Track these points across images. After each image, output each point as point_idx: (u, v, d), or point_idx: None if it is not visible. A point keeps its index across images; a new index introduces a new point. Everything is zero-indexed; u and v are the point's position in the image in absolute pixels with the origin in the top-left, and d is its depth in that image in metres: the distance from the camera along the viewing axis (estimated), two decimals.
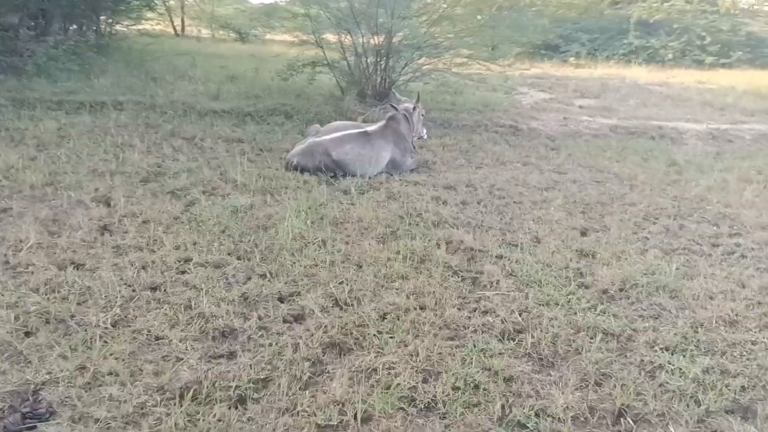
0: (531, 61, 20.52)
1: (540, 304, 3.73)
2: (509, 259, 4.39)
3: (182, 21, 25.99)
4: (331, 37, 10.49)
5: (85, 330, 3.21)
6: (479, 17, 10.37)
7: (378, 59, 9.87)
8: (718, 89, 15.40)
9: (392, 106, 7.16)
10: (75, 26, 15.17)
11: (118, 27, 17.48)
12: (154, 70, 12.52)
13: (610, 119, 9.92)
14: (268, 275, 3.99)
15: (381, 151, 6.68)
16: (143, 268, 3.98)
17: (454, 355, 3.14)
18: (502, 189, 6.24)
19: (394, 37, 9.69)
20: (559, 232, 5.01)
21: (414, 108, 7.12)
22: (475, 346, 3.22)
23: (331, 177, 6.39)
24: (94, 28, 15.94)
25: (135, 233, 4.58)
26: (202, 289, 3.73)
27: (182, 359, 3.01)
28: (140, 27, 21.22)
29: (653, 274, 4.19)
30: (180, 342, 3.16)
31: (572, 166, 7.38)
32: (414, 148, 7.15)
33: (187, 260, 4.16)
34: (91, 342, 3.09)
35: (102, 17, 15.98)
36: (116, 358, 2.97)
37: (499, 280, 4.03)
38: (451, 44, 9.95)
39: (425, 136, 7.47)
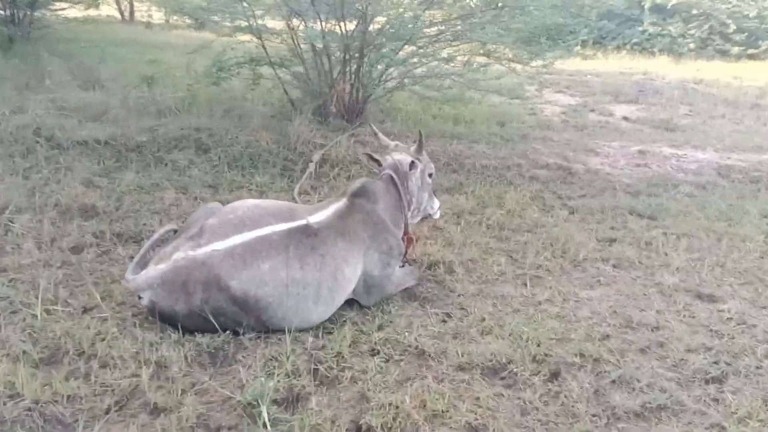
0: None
1: None
2: None
3: (131, 4, 21.83)
4: (277, 23, 6.76)
5: None
6: None
7: (347, 57, 6.11)
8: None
9: (371, 157, 3.50)
10: None
11: (41, 12, 13.31)
12: (51, 70, 8.59)
13: (704, 152, 6.29)
14: None
15: (340, 266, 2.97)
16: None
17: None
18: (627, 382, 2.57)
19: (370, 24, 5.94)
20: None
21: (412, 164, 3.44)
22: None
23: (229, 336, 2.73)
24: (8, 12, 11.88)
25: None
26: None
27: None
28: (78, 13, 17.20)
29: None
30: None
31: (712, 272, 3.72)
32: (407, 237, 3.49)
33: None
34: None
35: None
36: None
37: None
38: (457, 35, 6.22)
39: (436, 215, 3.79)
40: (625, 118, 8.59)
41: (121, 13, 21.28)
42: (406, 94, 6.95)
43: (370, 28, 5.97)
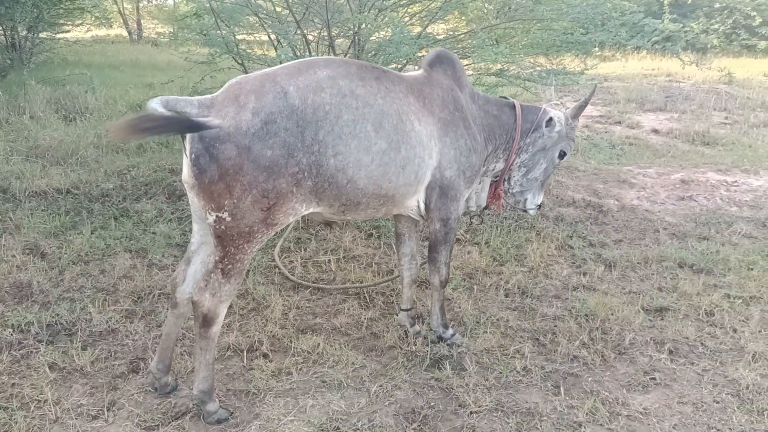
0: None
1: None
2: None
3: (138, 23, 21.26)
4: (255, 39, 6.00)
5: None
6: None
7: None
8: None
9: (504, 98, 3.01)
10: None
11: (46, 34, 12.51)
12: (33, 102, 7.82)
13: (757, 177, 5.33)
14: None
15: (408, 114, 2.49)
16: None
17: None
18: None
19: (366, 43, 5.12)
20: None
21: (550, 121, 2.88)
22: None
23: None
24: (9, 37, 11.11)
25: None
26: None
27: None
28: (85, 34, 16.59)
29: None
30: None
31: None
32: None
33: None
34: None
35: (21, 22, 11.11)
36: None
37: None
38: (464, 52, 5.37)
39: (532, 211, 3.06)
40: (655, 131, 7.66)
41: (129, 33, 20.72)
42: None
43: (365, 47, 5.16)
